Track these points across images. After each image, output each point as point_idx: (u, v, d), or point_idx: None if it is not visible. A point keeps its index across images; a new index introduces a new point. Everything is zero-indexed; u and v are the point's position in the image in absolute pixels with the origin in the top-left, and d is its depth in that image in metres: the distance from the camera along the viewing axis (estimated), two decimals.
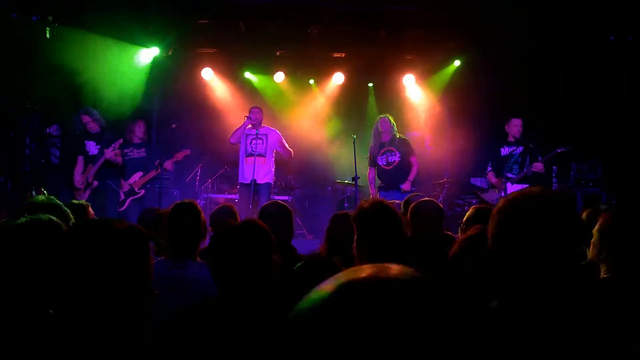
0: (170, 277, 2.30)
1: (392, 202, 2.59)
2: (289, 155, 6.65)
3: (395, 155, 6.45)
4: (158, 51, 7.51)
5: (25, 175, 6.34)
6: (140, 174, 6.25)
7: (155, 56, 7.56)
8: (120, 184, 6.23)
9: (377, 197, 5.24)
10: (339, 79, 8.34)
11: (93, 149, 6.25)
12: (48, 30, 6.44)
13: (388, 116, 6.59)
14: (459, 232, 2.91)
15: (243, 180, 6.44)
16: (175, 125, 7.43)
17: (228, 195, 7.60)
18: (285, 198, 7.43)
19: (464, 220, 2.82)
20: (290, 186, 7.98)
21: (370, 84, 8.79)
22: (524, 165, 6.11)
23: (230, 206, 3.43)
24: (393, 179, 6.41)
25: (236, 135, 6.53)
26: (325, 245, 2.89)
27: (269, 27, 7.38)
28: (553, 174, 7.00)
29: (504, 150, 6.24)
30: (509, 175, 6.12)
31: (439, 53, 7.90)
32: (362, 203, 2.38)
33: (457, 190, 7.69)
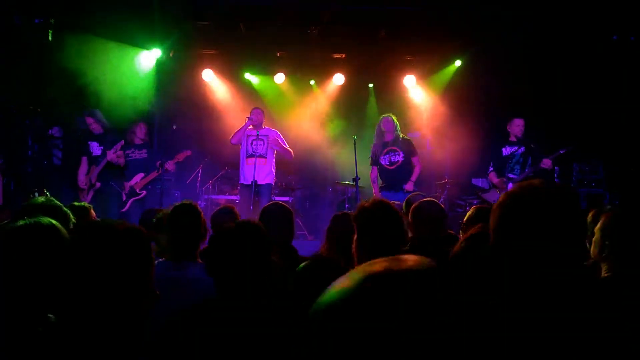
0: (171, 278, 2.30)
1: (393, 204, 2.58)
2: (290, 155, 6.65)
3: (398, 155, 6.44)
4: (160, 53, 7.52)
5: (28, 176, 6.35)
6: (141, 175, 6.26)
7: (159, 58, 7.57)
8: (123, 186, 6.24)
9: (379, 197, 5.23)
10: (339, 79, 8.34)
11: (96, 149, 6.28)
12: (50, 32, 6.46)
13: (391, 115, 6.55)
14: (460, 232, 2.91)
15: (244, 181, 6.45)
16: (176, 126, 7.44)
17: (229, 196, 7.60)
18: (286, 199, 7.43)
19: (464, 220, 2.82)
20: (291, 187, 7.97)
21: (371, 85, 8.78)
22: (526, 166, 6.11)
23: (231, 207, 3.43)
24: (395, 178, 6.40)
25: (237, 136, 6.53)
26: (326, 245, 2.89)
27: (269, 28, 7.37)
28: (555, 174, 6.98)
29: (506, 150, 6.23)
30: (510, 175, 6.11)
31: (439, 53, 7.89)
32: (363, 202, 2.37)
33: (458, 190, 7.68)
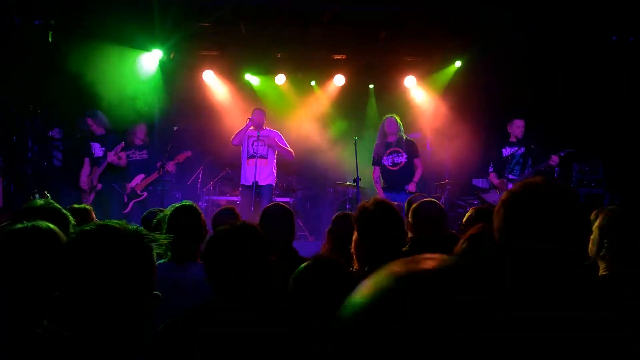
0: (171, 279, 2.30)
1: (394, 204, 2.59)
2: (291, 156, 6.65)
3: (402, 156, 6.44)
4: (161, 54, 7.53)
5: (28, 178, 6.36)
6: (142, 176, 6.27)
7: (161, 59, 7.58)
8: (124, 187, 6.25)
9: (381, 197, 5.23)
10: (339, 80, 8.34)
11: (98, 150, 6.29)
12: (50, 34, 6.47)
13: (395, 116, 6.54)
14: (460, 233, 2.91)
15: (245, 182, 6.45)
16: (177, 127, 7.44)
17: (230, 197, 7.61)
18: (287, 200, 7.43)
19: (463, 220, 2.82)
20: (292, 188, 7.98)
21: (371, 86, 8.79)
22: (526, 167, 6.11)
23: (232, 208, 3.44)
24: (398, 179, 6.41)
25: (238, 137, 6.54)
26: (327, 246, 2.90)
27: (269, 29, 7.38)
28: (555, 175, 6.99)
29: (506, 151, 6.23)
30: (510, 176, 6.11)
31: (439, 54, 7.89)
32: (364, 203, 2.37)
33: (459, 191, 7.68)
